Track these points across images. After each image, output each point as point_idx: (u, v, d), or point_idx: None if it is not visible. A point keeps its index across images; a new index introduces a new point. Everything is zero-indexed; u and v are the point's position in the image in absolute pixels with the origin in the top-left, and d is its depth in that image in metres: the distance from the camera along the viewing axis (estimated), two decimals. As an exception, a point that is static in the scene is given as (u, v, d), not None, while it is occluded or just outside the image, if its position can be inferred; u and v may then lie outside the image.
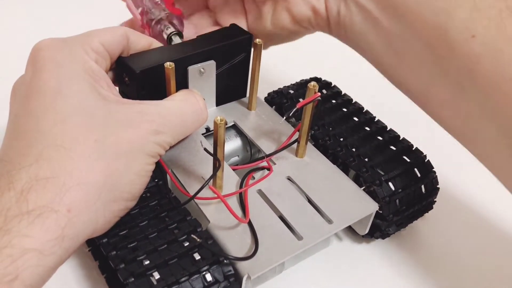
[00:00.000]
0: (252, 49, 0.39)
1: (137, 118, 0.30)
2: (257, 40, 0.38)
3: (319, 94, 0.34)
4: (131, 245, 0.30)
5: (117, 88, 0.35)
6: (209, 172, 0.34)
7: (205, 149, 0.33)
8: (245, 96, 0.43)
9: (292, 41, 0.41)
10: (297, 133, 0.37)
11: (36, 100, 0.28)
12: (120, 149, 0.28)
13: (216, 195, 0.33)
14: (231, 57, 0.39)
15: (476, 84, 0.30)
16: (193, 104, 0.34)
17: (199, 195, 0.32)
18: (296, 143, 0.38)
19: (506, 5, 0.29)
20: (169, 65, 0.34)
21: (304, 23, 0.38)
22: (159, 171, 0.36)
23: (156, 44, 0.36)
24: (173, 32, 0.38)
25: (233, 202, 0.34)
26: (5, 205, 0.24)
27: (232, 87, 0.42)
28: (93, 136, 0.27)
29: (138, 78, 0.34)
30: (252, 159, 0.41)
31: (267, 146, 0.39)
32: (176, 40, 0.39)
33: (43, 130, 0.27)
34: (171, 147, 0.33)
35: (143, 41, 0.35)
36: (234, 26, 0.40)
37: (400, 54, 0.34)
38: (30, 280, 0.24)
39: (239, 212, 0.33)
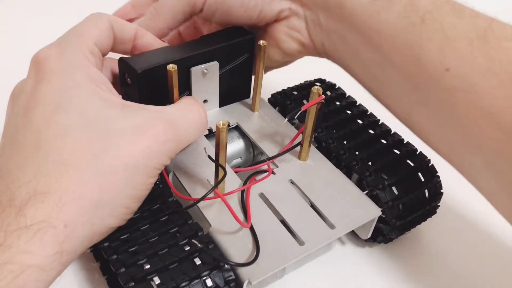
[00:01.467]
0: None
1: (143, 126, 0.29)
2: (261, 41, 0.38)
3: (323, 97, 0.34)
4: (132, 249, 0.30)
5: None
6: (211, 174, 0.34)
7: (209, 156, 0.32)
8: (248, 97, 0.43)
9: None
10: (300, 135, 0.37)
11: (36, 112, 0.28)
12: (120, 163, 0.28)
13: (212, 191, 0.32)
14: (234, 57, 0.39)
15: (455, 117, 0.30)
16: (196, 113, 0.33)
17: (200, 197, 0.32)
18: (299, 146, 0.37)
19: (476, 35, 0.29)
20: (171, 67, 0.33)
21: (294, 54, 0.40)
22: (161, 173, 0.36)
23: (141, 31, 0.35)
24: None
25: (235, 206, 0.34)
26: (5, 220, 0.25)
27: (236, 88, 0.41)
28: (92, 150, 0.27)
29: (140, 78, 0.34)
30: (255, 161, 0.40)
31: (270, 148, 0.38)
32: None
33: (43, 144, 0.27)
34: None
35: (127, 31, 0.34)
36: (237, 27, 0.40)
37: (380, 82, 0.35)
38: None
39: (240, 216, 0.33)
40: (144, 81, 0.34)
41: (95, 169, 0.27)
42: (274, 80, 0.40)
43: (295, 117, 0.34)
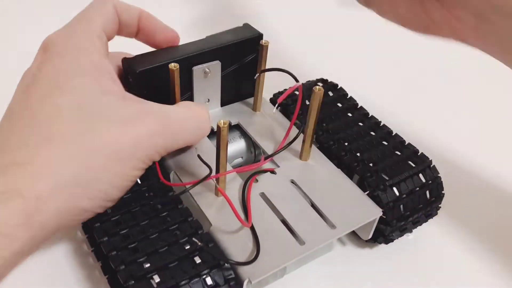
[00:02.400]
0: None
1: (135, 117, 0.29)
2: (263, 41, 0.38)
3: (300, 83, 0.35)
4: (132, 245, 0.30)
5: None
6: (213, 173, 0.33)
7: (199, 156, 0.33)
8: (252, 96, 0.43)
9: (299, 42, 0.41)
10: (297, 130, 0.37)
11: (36, 91, 0.28)
12: (103, 147, 0.27)
13: (209, 174, 0.32)
14: (240, 56, 0.39)
15: None
16: (197, 112, 0.33)
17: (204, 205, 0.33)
18: (300, 146, 0.37)
19: None
20: (173, 66, 0.33)
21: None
22: (162, 172, 0.36)
23: (145, 13, 0.35)
24: None
25: (236, 205, 0.34)
26: None
27: (240, 87, 0.41)
28: (79, 130, 0.27)
29: (138, 78, 0.34)
30: (256, 161, 0.40)
31: (271, 148, 0.38)
32: None
33: (34, 121, 0.27)
34: (171, 156, 0.32)
35: (131, 12, 0.34)
36: (246, 25, 0.40)
37: None
38: None
39: (241, 215, 0.33)
40: (143, 81, 0.34)
41: (78, 147, 0.27)
42: (276, 80, 0.40)
43: (276, 106, 0.35)
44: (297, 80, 0.37)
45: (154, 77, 0.35)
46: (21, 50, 0.54)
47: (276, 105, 0.36)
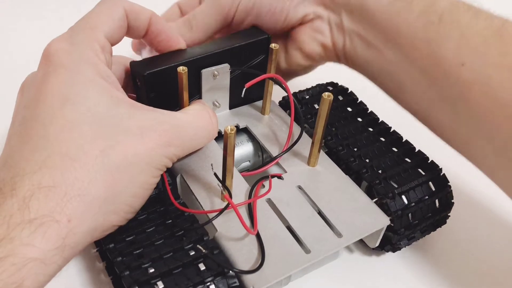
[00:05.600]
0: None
1: (149, 126, 0.29)
2: (273, 44, 0.37)
3: (273, 75, 0.37)
4: (137, 251, 0.30)
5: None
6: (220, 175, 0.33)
7: (215, 174, 0.32)
8: (261, 98, 0.42)
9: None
10: (310, 139, 0.37)
11: (45, 105, 0.27)
12: (126, 161, 0.28)
13: (228, 205, 0.32)
14: (248, 58, 0.39)
15: (470, 109, 0.32)
16: (205, 120, 0.33)
17: (210, 209, 0.33)
18: (309, 152, 0.37)
19: (491, 33, 0.32)
20: (182, 69, 0.33)
21: (315, 58, 0.42)
22: (169, 175, 0.35)
23: (155, 17, 0.34)
24: None
25: (242, 212, 0.33)
26: (7, 212, 0.24)
27: (248, 89, 0.41)
28: (99, 146, 0.27)
29: (146, 80, 0.34)
30: (263, 165, 0.40)
31: (278, 152, 0.38)
32: None
33: (49, 137, 0.27)
34: (178, 160, 0.32)
35: (142, 16, 0.33)
36: (254, 28, 0.39)
37: (400, 82, 0.37)
38: (31, 287, 0.24)
39: (247, 222, 0.33)
40: (151, 83, 0.34)
41: (102, 166, 0.27)
42: (288, 82, 0.39)
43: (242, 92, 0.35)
44: (285, 89, 0.37)
45: (162, 79, 0.34)
46: (22, 50, 0.54)
47: (244, 89, 0.35)
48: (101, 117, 0.28)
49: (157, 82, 0.34)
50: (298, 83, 0.46)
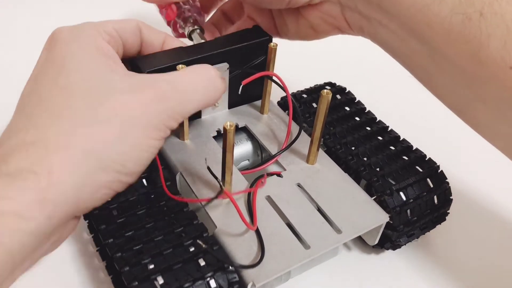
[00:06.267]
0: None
1: (143, 85, 0.28)
2: (271, 43, 0.38)
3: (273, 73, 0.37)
4: (137, 247, 0.30)
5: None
6: (218, 176, 0.33)
7: (208, 168, 0.32)
8: (260, 98, 0.42)
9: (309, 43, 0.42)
10: (308, 138, 0.37)
11: (43, 77, 0.28)
12: (115, 116, 0.26)
13: (220, 191, 0.32)
14: (249, 59, 0.39)
15: None
16: (204, 73, 0.31)
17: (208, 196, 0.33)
18: (308, 150, 0.37)
19: None
20: (180, 67, 0.33)
21: (331, 33, 0.39)
22: (168, 173, 0.35)
23: (170, 39, 0.35)
24: (194, 28, 0.38)
25: (241, 208, 0.33)
26: None
27: (248, 89, 0.41)
28: (87, 103, 0.26)
29: None
30: (262, 163, 0.40)
31: (277, 151, 0.38)
32: (196, 38, 0.38)
33: (42, 103, 0.27)
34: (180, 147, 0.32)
35: (156, 35, 0.34)
36: (256, 28, 0.40)
37: (430, 73, 0.33)
38: (9, 244, 0.23)
39: (246, 218, 0.33)
40: None
41: (87, 119, 0.26)
42: (286, 82, 0.40)
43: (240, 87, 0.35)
44: (283, 88, 0.37)
45: None
46: (23, 50, 0.54)
47: (240, 87, 0.35)
48: (93, 81, 0.27)
49: None
50: (296, 83, 0.46)
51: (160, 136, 0.28)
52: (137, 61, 0.34)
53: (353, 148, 0.39)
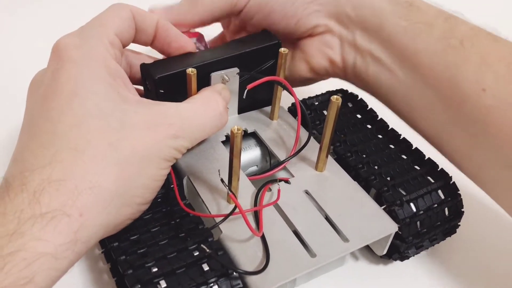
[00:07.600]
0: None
1: (156, 120, 0.29)
2: (282, 49, 0.37)
3: (280, 78, 0.37)
4: (141, 250, 0.30)
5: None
6: (225, 180, 0.33)
7: (222, 180, 0.32)
8: (270, 104, 0.42)
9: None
10: (318, 144, 0.36)
11: (53, 101, 0.28)
12: (135, 154, 0.28)
13: (235, 209, 0.32)
14: (258, 63, 0.39)
15: (489, 135, 0.32)
16: (213, 109, 0.32)
17: (216, 211, 0.33)
18: (316, 157, 0.37)
19: None
20: (191, 71, 0.33)
21: (321, 72, 0.42)
22: (176, 176, 0.35)
23: (162, 22, 0.35)
24: None
25: (248, 214, 0.33)
26: (18, 207, 0.24)
27: (258, 94, 0.41)
28: (107, 139, 0.27)
29: (157, 84, 0.34)
30: (270, 169, 0.40)
31: (286, 157, 0.38)
32: None
33: (58, 133, 0.27)
34: (188, 151, 0.32)
35: (148, 21, 0.34)
36: (264, 32, 0.39)
37: (412, 102, 0.37)
38: (43, 283, 0.24)
39: (252, 224, 0.32)
40: (161, 87, 0.34)
41: (110, 159, 0.27)
42: (295, 90, 0.39)
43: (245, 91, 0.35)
44: (290, 92, 0.37)
45: (172, 83, 0.34)
46: (23, 50, 0.55)
47: (245, 91, 0.35)
48: (108, 113, 0.28)
49: (167, 86, 0.34)
50: (307, 90, 0.46)
51: (169, 166, 0.30)
52: (149, 67, 0.34)
53: (364, 156, 0.38)
